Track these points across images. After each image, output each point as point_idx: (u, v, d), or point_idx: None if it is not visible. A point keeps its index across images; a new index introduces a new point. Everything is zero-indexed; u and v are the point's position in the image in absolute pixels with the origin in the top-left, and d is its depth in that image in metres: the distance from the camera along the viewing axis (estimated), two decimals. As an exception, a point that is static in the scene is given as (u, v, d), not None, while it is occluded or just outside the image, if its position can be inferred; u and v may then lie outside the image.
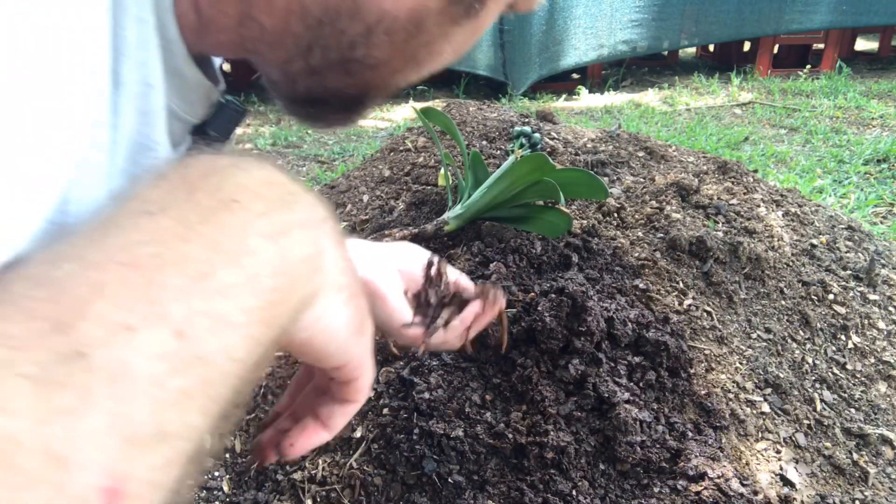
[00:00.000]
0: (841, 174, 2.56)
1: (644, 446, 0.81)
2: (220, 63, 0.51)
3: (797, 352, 1.07)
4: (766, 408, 0.95)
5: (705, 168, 1.46)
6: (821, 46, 5.07)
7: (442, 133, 1.56)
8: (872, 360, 1.10)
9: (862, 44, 5.88)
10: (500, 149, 1.50)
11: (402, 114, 3.84)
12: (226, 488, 0.87)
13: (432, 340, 0.64)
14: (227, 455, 0.93)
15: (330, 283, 0.34)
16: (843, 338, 1.12)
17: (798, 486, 0.86)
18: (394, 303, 0.62)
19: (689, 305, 1.06)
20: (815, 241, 1.29)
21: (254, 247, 0.29)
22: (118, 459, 0.22)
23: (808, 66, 4.77)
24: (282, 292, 0.30)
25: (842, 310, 1.15)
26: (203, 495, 0.87)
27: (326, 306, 0.34)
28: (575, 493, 0.77)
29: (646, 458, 0.80)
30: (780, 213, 1.33)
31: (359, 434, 0.86)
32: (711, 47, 5.64)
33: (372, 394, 0.89)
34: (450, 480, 0.78)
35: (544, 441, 0.80)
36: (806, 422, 0.95)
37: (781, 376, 1.00)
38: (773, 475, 0.87)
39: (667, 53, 5.56)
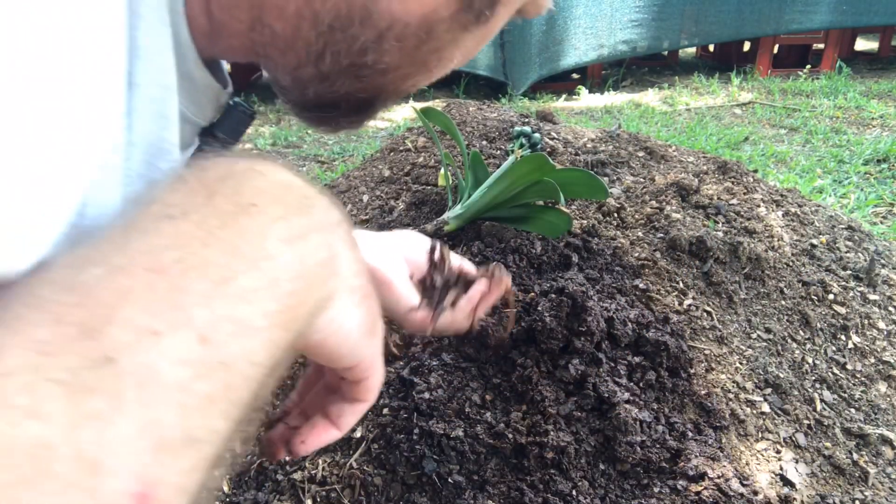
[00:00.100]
0: (841, 174, 2.56)
1: (644, 446, 0.81)
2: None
3: (797, 352, 1.07)
4: (766, 408, 0.95)
5: (705, 168, 1.46)
6: (821, 46, 5.07)
7: (442, 133, 1.56)
8: (872, 360, 1.10)
9: (862, 44, 5.88)
10: (500, 149, 1.50)
11: (402, 114, 3.84)
12: (225, 488, 0.87)
13: (440, 322, 0.64)
14: (227, 455, 0.92)
15: (344, 286, 0.34)
16: (843, 338, 1.12)
17: (798, 486, 0.86)
18: (400, 288, 0.62)
19: (689, 305, 1.06)
20: (815, 241, 1.29)
21: (272, 251, 0.29)
22: (148, 464, 0.22)
23: (808, 66, 4.77)
24: (299, 296, 0.30)
25: (842, 310, 1.15)
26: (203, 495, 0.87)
27: (340, 308, 0.34)
28: (575, 493, 0.77)
29: (646, 458, 0.80)
30: (780, 213, 1.33)
31: (359, 434, 0.86)
32: (711, 47, 5.65)
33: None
34: (450, 480, 0.78)
35: (544, 441, 0.80)
36: (806, 422, 0.95)
37: (781, 376, 1.00)
38: (773, 475, 0.86)
39: (667, 53, 5.56)
